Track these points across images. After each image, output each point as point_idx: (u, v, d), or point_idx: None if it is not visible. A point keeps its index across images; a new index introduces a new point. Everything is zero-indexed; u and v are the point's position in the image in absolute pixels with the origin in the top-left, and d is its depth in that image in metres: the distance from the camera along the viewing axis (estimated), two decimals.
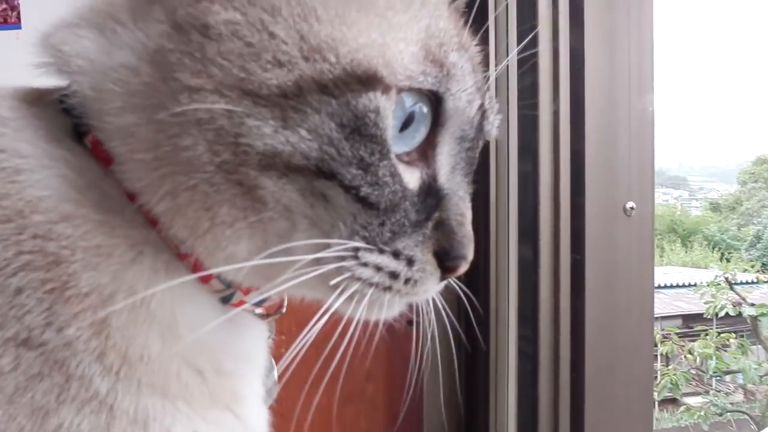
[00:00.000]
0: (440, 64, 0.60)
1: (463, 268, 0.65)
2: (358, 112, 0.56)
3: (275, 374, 0.82)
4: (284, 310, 0.74)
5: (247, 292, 0.70)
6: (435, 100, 0.61)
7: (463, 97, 0.62)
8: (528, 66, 1.41)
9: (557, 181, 1.51)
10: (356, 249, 0.59)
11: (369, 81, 0.56)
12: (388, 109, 0.57)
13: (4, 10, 2.22)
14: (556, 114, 1.42)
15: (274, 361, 0.80)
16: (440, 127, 0.63)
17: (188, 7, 0.56)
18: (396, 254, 0.61)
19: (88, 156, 0.60)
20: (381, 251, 0.60)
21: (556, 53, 1.37)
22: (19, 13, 2.22)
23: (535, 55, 1.38)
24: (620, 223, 1.47)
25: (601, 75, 1.36)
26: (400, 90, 0.58)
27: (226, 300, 0.68)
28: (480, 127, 0.66)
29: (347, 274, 0.60)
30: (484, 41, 0.73)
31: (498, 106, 0.71)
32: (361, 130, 0.56)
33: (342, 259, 0.59)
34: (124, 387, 0.56)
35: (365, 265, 0.60)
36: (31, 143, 0.59)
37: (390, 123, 0.58)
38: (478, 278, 1.67)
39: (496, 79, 1.54)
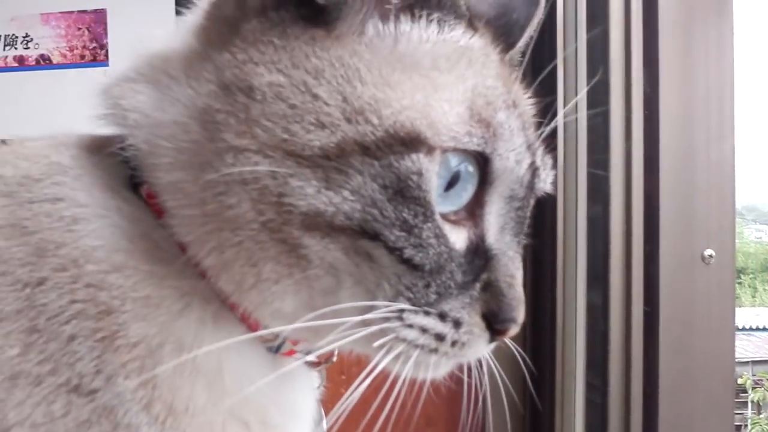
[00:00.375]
0: (487, 124, 0.59)
1: (513, 330, 0.63)
2: (401, 174, 0.55)
3: (324, 425, 0.81)
4: (335, 359, 0.74)
5: (296, 341, 0.69)
6: (482, 160, 0.60)
7: (512, 156, 0.60)
8: (599, 109, 1.36)
9: (629, 227, 1.45)
10: (401, 310, 0.58)
11: (412, 143, 0.55)
12: (431, 171, 0.56)
13: (94, 48, 2.35)
14: (628, 156, 1.37)
15: (323, 412, 0.79)
16: (488, 186, 0.61)
17: (234, 69, 0.57)
18: (442, 316, 0.60)
19: (143, 207, 0.62)
20: (426, 313, 0.59)
21: (629, 95, 1.32)
22: (107, 51, 2.35)
23: (606, 97, 1.34)
24: (698, 271, 1.40)
25: (676, 119, 1.30)
26: (444, 151, 0.57)
27: (274, 349, 0.68)
28: (531, 186, 0.64)
29: (392, 335, 0.59)
30: (551, 86, 0.71)
31: (551, 162, 0.68)
32: (405, 192, 0.55)
33: (387, 320, 0.58)
34: None
35: (410, 326, 0.59)
36: (89, 192, 0.60)
37: (434, 184, 0.57)
38: (544, 326, 1.62)
39: (564, 123, 1.51)
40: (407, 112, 0.56)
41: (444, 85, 0.58)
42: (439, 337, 0.60)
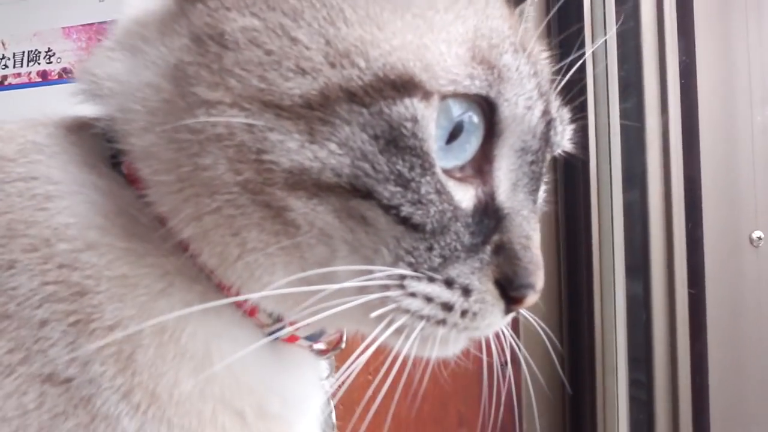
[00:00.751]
0: (491, 66, 0.53)
1: (532, 298, 0.56)
2: (393, 121, 0.50)
3: (333, 417, 0.76)
4: (344, 345, 0.68)
5: (293, 323, 0.64)
6: (488, 108, 0.53)
7: (521, 102, 0.54)
8: (632, 82, 1.29)
9: (669, 211, 1.37)
10: (402, 277, 0.52)
11: (405, 86, 0.50)
12: (428, 118, 0.51)
13: None
14: (665, 134, 1.29)
15: (331, 402, 0.73)
16: (496, 138, 0.55)
17: (206, 17, 0.52)
18: (449, 283, 0.53)
19: (121, 182, 0.57)
20: (431, 279, 0.53)
21: (663, 64, 1.24)
22: None
23: (638, 72, 1.26)
24: (746, 255, 1.31)
25: (716, 88, 1.22)
26: (443, 96, 0.51)
27: (269, 333, 0.61)
28: (545, 138, 0.57)
29: (392, 306, 0.52)
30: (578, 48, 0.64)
31: (569, 116, 0.62)
32: (398, 142, 0.50)
33: (386, 288, 0.52)
34: (153, 428, 0.52)
35: (413, 295, 0.53)
36: (63, 169, 0.56)
37: (431, 133, 0.51)
38: (581, 322, 1.54)
39: (594, 101, 1.44)
40: (398, 53, 0.50)
41: (441, 24, 0.53)
42: (447, 307, 0.53)
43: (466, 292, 0.54)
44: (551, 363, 1.53)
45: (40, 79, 2.42)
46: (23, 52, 2.42)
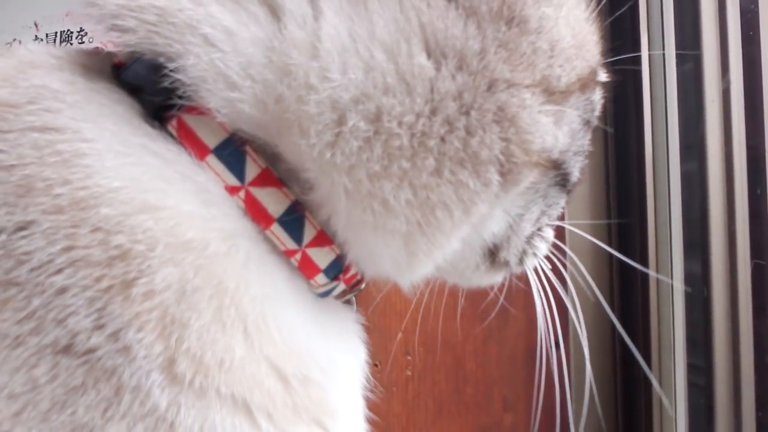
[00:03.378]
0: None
1: None
2: (594, 105, 0.63)
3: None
4: (363, 285, 0.66)
5: (349, 281, 0.63)
6: None
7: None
8: (689, 41, 1.21)
9: (731, 183, 1.28)
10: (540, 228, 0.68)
11: (592, 77, 0.62)
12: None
13: None
14: (726, 96, 1.21)
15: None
16: None
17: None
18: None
19: (177, 146, 0.53)
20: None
21: (723, 19, 1.16)
22: None
23: (696, 24, 1.18)
24: None
25: None
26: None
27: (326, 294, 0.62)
28: None
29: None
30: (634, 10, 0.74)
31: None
32: (589, 122, 0.63)
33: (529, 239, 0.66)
34: (190, 400, 0.47)
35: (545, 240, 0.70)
36: (97, 125, 0.50)
37: None
38: (636, 300, 1.46)
39: (649, 64, 1.36)
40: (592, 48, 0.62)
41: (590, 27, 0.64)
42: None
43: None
44: (603, 346, 1.46)
45: None
46: (56, 32, 2.41)
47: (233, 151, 0.53)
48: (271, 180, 0.55)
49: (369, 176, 0.52)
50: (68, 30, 2.43)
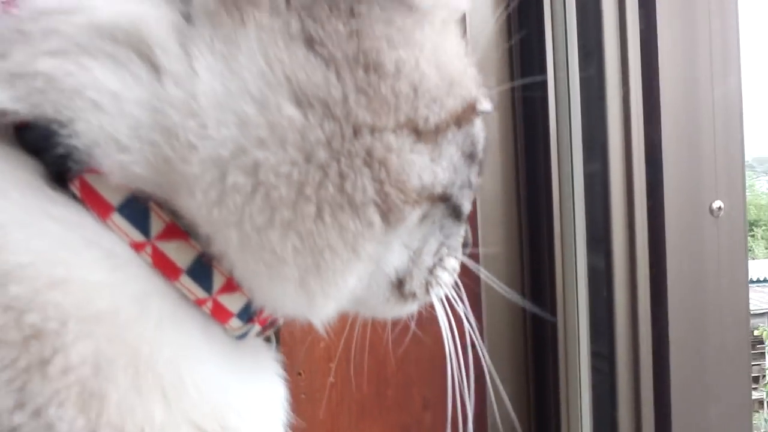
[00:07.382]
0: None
1: None
2: (474, 137, 0.62)
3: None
4: (281, 322, 0.66)
5: (263, 322, 0.63)
6: None
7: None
8: (591, 49, 1.26)
9: (630, 182, 1.35)
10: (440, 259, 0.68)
11: (472, 108, 0.62)
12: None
13: None
14: (626, 103, 1.27)
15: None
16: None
17: (348, 43, 0.54)
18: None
19: (77, 206, 0.52)
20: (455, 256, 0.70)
21: (624, 30, 1.21)
22: None
23: (599, 37, 1.23)
24: (706, 225, 1.31)
25: (677, 55, 1.20)
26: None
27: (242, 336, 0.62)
28: None
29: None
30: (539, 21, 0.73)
31: None
32: (472, 155, 0.63)
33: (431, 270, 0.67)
34: None
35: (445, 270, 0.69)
36: (2, 194, 0.49)
37: None
38: (543, 291, 1.52)
39: (554, 70, 1.41)
40: (471, 80, 0.62)
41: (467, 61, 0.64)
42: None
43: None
44: (514, 339, 1.51)
45: None
46: None
47: (137, 207, 0.52)
48: (176, 233, 0.54)
49: (256, 229, 0.52)
50: None
